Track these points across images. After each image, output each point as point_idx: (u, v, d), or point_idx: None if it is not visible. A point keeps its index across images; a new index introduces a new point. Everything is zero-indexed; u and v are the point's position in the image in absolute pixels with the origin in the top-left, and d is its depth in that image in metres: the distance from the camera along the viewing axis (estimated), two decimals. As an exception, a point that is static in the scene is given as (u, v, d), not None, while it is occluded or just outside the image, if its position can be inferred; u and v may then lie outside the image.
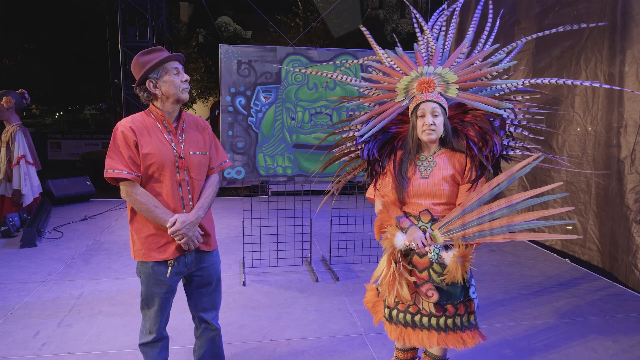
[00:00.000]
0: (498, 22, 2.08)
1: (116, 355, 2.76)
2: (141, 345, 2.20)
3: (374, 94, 2.19)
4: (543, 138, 1.92)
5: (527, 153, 1.89)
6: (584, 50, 4.50)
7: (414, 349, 2.20)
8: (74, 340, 2.92)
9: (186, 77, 2.05)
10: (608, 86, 1.81)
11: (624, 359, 2.82)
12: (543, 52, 5.04)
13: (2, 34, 12.97)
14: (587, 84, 1.77)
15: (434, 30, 2.13)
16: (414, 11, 2.17)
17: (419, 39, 2.11)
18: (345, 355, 2.81)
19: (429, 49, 2.08)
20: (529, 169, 1.77)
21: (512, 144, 1.92)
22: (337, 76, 2.28)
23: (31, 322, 3.15)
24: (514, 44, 2.01)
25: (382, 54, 2.13)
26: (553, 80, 1.82)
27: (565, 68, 4.74)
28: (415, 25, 2.16)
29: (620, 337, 3.06)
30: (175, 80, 2.01)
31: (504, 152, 1.92)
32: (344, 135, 2.24)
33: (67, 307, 3.38)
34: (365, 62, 2.29)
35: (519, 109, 1.94)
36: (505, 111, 1.88)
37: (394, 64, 2.11)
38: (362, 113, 2.20)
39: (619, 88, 1.78)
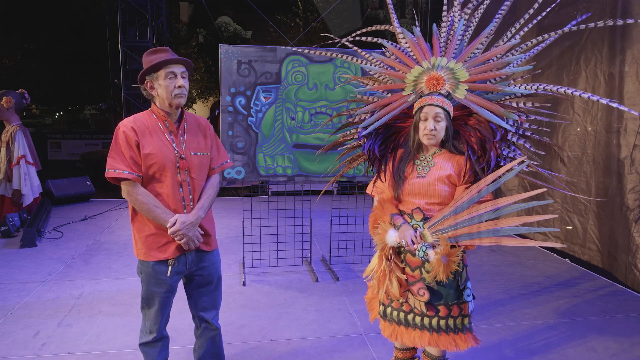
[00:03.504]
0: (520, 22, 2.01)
1: (116, 355, 2.76)
2: (141, 344, 2.20)
3: (384, 79, 2.14)
4: (544, 153, 1.90)
5: (525, 168, 1.85)
6: (584, 50, 4.50)
7: (413, 349, 2.20)
8: (74, 340, 2.92)
9: (181, 82, 2.00)
10: (626, 109, 1.71)
11: (624, 359, 2.82)
12: (543, 51, 5.00)
13: (2, 34, 12.97)
14: (604, 101, 1.70)
15: (464, 10, 2.02)
16: None
17: (443, 18, 2.03)
18: (345, 355, 2.81)
19: (449, 34, 2.00)
20: (514, 173, 1.75)
21: (512, 155, 1.88)
22: (350, 58, 2.22)
23: (31, 322, 3.15)
24: (539, 38, 1.92)
25: (399, 33, 2.06)
26: (569, 91, 1.76)
27: (565, 68, 4.74)
28: (446, 1, 2.04)
29: (620, 337, 3.06)
30: (169, 85, 1.99)
31: (502, 163, 1.89)
32: (350, 120, 2.21)
33: (67, 307, 3.38)
34: (367, 58, 2.25)
35: (526, 117, 1.90)
36: (508, 123, 1.85)
37: (408, 48, 2.05)
38: (368, 101, 2.15)
39: (636, 113, 1.70)
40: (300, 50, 2.73)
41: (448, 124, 1.91)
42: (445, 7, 2.05)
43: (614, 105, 1.70)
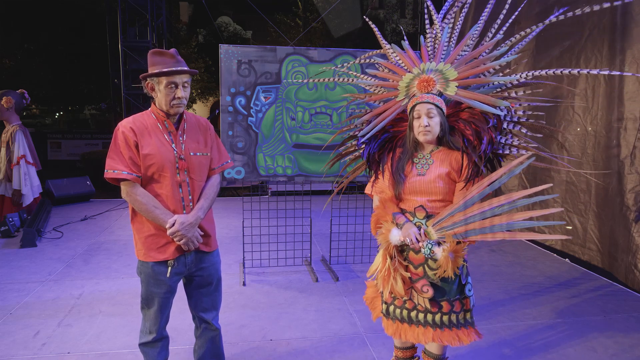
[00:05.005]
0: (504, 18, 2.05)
1: (116, 355, 2.76)
2: (141, 345, 2.20)
3: (379, 91, 2.20)
4: (541, 135, 1.91)
5: (523, 152, 1.87)
6: (584, 50, 4.50)
7: (413, 348, 2.21)
8: (74, 340, 2.92)
9: (180, 94, 2.00)
10: (606, 71, 1.76)
11: (624, 359, 2.82)
12: (543, 52, 5.04)
13: (2, 34, 12.97)
14: (584, 71, 1.76)
15: (444, 21, 2.10)
16: (429, 2, 2.14)
17: (427, 32, 2.10)
18: (345, 355, 2.81)
19: (436, 43, 2.07)
20: (523, 166, 1.77)
21: (509, 142, 1.90)
22: (342, 78, 2.32)
23: (31, 322, 3.15)
24: (517, 36, 1.97)
25: (388, 49, 2.14)
26: (551, 71, 1.81)
27: (565, 68, 4.73)
28: (426, 17, 2.13)
29: (620, 337, 3.06)
30: (168, 94, 1.99)
31: (500, 151, 1.91)
32: (350, 134, 2.26)
33: (67, 307, 3.38)
34: (363, 60, 2.30)
35: (520, 104, 1.92)
36: (501, 109, 1.87)
37: (399, 60, 2.11)
38: (365, 111, 2.21)
39: (617, 73, 1.77)
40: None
41: (442, 120, 1.94)
42: (427, 23, 2.12)
43: (605, 72, 1.72)
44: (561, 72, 1.81)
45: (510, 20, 2.03)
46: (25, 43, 13.75)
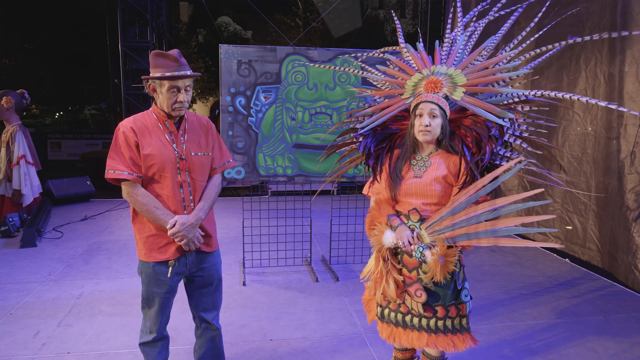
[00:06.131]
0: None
1: (116, 355, 2.76)
2: (141, 344, 2.20)
3: (386, 88, 2.20)
4: (541, 153, 1.90)
5: (524, 167, 1.85)
6: (584, 50, 4.50)
7: (413, 349, 2.20)
8: (74, 340, 2.92)
9: (182, 98, 1.99)
10: (625, 110, 1.75)
11: (624, 359, 2.82)
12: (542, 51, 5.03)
13: (2, 34, 12.97)
14: (602, 104, 1.71)
15: (466, 30, 2.12)
16: (459, 5, 2.15)
17: (446, 36, 2.11)
18: (345, 355, 2.81)
19: (450, 50, 2.08)
20: (511, 174, 1.76)
21: (508, 154, 1.89)
22: (356, 70, 2.34)
23: (31, 322, 3.15)
24: (532, 53, 1.96)
25: (403, 47, 2.14)
26: (560, 94, 1.80)
27: (565, 68, 4.74)
28: (449, 20, 2.16)
29: (620, 337, 3.06)
30: (170, 98, 1.98)
31: (497, 162, 1.89)
32: (351, 126, 2.25)
33: (67, 307, 3.38)
34: (365, 56, 2.31)
35: (524, 119, 1.91)
36: (505, 121, 1.86)
37: (410, 60, 2.12)
38: (367, 106, 2.21)
39: (636, 113, 1.75)
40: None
41: (444, 122, 1.92)
42: (448, 27, 2.13)
43: (613, 107, 1.71)
44: (569, 97, 1.79)
45: (525, 41, 2.04)
46: (25, 43, 13.74)
